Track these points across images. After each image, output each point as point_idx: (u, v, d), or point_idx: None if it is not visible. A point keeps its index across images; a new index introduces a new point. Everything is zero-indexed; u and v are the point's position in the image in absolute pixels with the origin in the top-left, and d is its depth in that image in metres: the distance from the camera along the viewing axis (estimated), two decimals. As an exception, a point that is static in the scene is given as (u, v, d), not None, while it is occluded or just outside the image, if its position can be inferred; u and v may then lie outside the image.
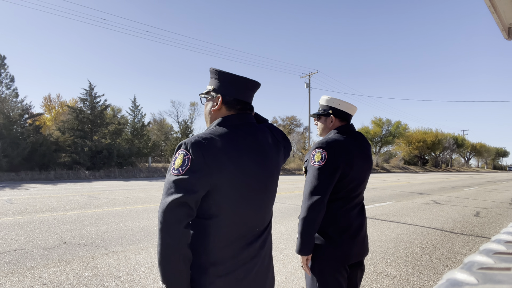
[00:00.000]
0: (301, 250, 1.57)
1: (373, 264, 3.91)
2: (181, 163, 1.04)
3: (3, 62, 20.14)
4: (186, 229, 1.02)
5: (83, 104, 22.99)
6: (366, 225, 1.76)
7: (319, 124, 1.83)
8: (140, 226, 5.48)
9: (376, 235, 5.34)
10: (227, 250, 1.09)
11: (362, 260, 1.75)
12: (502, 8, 1.68)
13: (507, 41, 1.99)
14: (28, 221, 5.76)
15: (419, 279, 3.48)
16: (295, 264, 3.82)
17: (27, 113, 20.55)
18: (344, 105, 1.75)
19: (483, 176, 33.60)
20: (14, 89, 20.29)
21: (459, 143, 60.61)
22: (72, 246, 4.30)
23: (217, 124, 1.15)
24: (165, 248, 1.00)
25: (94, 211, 6.87)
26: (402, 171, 42.96)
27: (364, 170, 1.71)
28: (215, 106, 1.19)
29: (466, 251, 4.58)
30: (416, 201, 9.71)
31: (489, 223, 6.72)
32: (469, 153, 75.25)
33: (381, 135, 46.06)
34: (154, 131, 36.72)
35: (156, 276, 3.35)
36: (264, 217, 1.21)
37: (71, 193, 10.28)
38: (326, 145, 1.61)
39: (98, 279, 3.23)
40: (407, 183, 18.02)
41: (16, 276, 3.27)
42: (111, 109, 28.48)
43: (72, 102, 33.30)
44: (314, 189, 1.55)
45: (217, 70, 1.19)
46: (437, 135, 52.70)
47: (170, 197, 1.00)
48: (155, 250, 4.22)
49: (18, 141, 18.49)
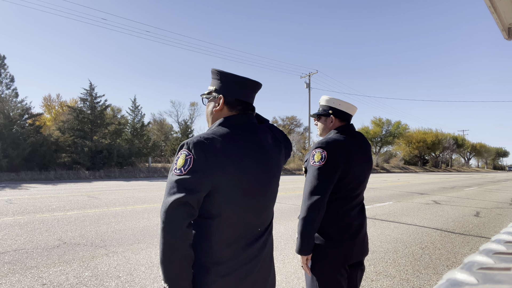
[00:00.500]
0: (301, 250, 1.57)
1: (373, 264, 3.91)
2: (183, 163, 1.04)
3: (3, 62, 20.15)
4: (188, 229, 1.02)
5: (83, 104, 23.00)
6: (366, 225, 1.76)
7: (319, 124, 1.83)
8: (140, 226, 5.48)
9: (376, 235, 5.34)
10: (229, 250, 1.09)
11: (362, 260, 1.75)
12: (502, 8, 1.68)
13: (507, 41, 1.99)
14: (28, 221, 5.77)
15: (419, 279, 3.48)
16: (295, 264, 3.82)
17: (27, 113, 20.54)
18: (344, 105, 1.75)
19: (483, 176, 33.60)
20: (14, 89, 20.30)
21: (459, 143, 60.61)
22: (72, 246, 4.30)
23: (219, 125, 1.15)
24: (167, 248, 1.00)
25: (94, 211, 6.87)
26: (402, 171, 42.96)
27: (364, 170, 1.71)
28: (217, 106, 1.19)
29: (466, 251, 4.58)
30: (416, 201, 9.71)
31: (489, 223, 6.72)
32: (469, 153, 75.26)
33: (381, 135, 46.04)
34: (154, 131, 36.75)
35: (156, 276, 3.35)
36: (265, 218, 1.21)
37: (71, 193, 10.28)
38: (326, 145, 1.61)
39: (98, 279, 3.23)
40: (407, 183, 18.01)
41: (16, 276, 3.27)
42: (111, 109, 28.50)
43: (72, 102, 33.34)
44: (314, 189, 1.55)
45: (219, 71, 1.19)
46: (437, 135, 52.71)
47: (172, 196, 1.01)
48: (155, 250, 4.22)
49: (18, 141, 18.49)
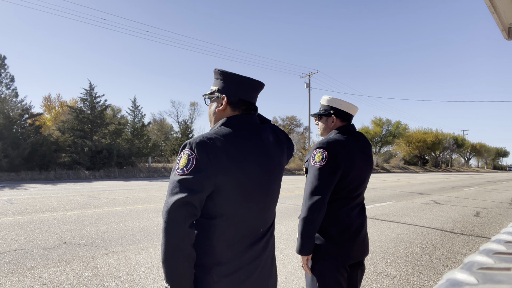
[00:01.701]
0: (301, 250, 1.57)
1: (373, 264, 3.91)
2: (186, 163, 1.04)
3: (3, 62, 20.15)
4: (190, 229, 1.02)
5: (83, 104, 22.99)
6: (366, 225, 1.76)
7: (320, 124, 1.83)
8: (140, 226, 5.48)
9: (376, 235, 5.34)
10: (230, 251, 1.09)
11: (362, 260, 1.75)
12: (502, 8, 1.68)
13: (507, 41, 1.99)
14: (28, 221, 5.77)
15: (419, 279, 3.48)
16: (295, 264, 3.82)
17: (27, 113, 20.55)
18: (345, 105, 1.75)
19: (483, 176, 33.59)
20: (14, 89, 20.32)
21: (459, 143, 60.61)
22: (72, 246, 4.30)
23: (221, 124, 1.14)
24: (169, 248, 1.00)
25: (94, 211, 6.87)
26: (402, 171, 42.95)
27: (364, 170, 1.71)
28: (219, 106, 1.19)
29: (466, 251, 4.58)
30: (416, 201, 9.71)
31: (489, 223, 6.72)
32: (469, 153, 75.26)
33: (381, 135, 46.04)
34: (154, 131, 36.77)
35: (156, 276, 3.36)
36: (267, 218, 1.20)
37: (71, 193, 10.28)
38: (327, 145, 1.61)
39: (98, 279, 3.23)
40: (407, 183, 18.01)
41: (16, 276, 3.27)
42: (111, 109, 28.49)
43: (72, 102, 33.35)
44: (314, 189, 1.55)
45: (222, 71, 1.18)
46: (437, 135, 52.71)
47: (174, 196, 1.00)
48: (155, 250, 4.22)
49: (18, 141, 18.50)
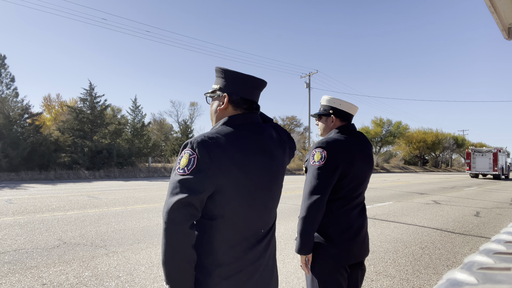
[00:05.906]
0: (301, 250, 1.57)
1: (373, 264, 3.91)
2: (187, 162, 1.01)
3: (3, 62, 20.14)
4: (191, 230, 1.00)
5: (83, 104, 22.97)
6: (367, 225, 1.75)
7: (320, 124, 1.83)
8: (140, 226, 5.48)
9: (376, 235, 5.34)
10: (231, 252, 1.07)
11: (362, 260, 1.74)
12: (502, 8, 1.68)
13: (507, 41, 1.99)
14: (28, 221, 5.76)
15: (419, 279, 3.48)
16: (295, 264, 3.82)
17: (27, 113, 20.55)
18: (345, 105, 1.75)
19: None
20: (14, 89, 20.29)
21: (459, 143, 60.53)
22: (72, 246, 4.30)
23: (223, 124, 1.12)
24: (169, 248, 0.98)
25: (94, 211, 6.86)
26: (402, 171, 42.93)
27: (364, 170, 1.71)
28: (221, 105, 1.16)
29: (466, 251, 4.58)
30: (416, 201, 9.71)
31: (489, 223, 6.72)
32: (469, 153, 75.16)
33: (381, 135, 46.02)
34: (154, 131, 36.76)
35: (156, 276, 3.35)
36: (268, 219, 1.19)
37: (71, 193, 10.27)
38: (326, 145, 1.61)
39: (98, 279, 3.23)
40: (407, 183, 18.00)
41: (16, 276, 3.27)
42: (111, 109, 28.46)
43: (72, 102, 33.33)
44: (313, 188, 1.55)
45: (223, 69, 1.16)
46: (437, 135, 52.66)
47: (175, 197, 0.98)
48: (155, 250, 4.22)
49: (18, 141, 18.47)
